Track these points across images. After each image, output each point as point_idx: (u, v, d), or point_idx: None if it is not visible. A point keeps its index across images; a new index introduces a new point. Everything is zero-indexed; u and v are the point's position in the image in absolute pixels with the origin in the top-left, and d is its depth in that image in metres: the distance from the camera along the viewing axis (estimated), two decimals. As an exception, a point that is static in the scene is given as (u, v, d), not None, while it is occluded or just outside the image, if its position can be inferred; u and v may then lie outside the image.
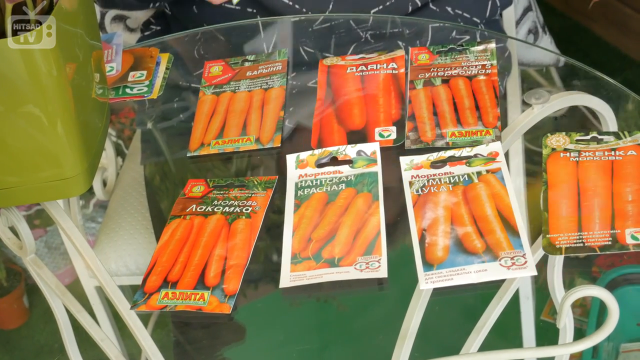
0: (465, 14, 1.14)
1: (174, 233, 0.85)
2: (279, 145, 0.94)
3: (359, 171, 0.89)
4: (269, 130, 0.96)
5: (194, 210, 0.87)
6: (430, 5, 1.16)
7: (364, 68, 1.02)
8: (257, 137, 0.96)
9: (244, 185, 0.90)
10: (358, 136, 0.93)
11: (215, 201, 0.88)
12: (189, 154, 0.96)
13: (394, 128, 0.93)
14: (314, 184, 0.88)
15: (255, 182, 0.89)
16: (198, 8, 1.17)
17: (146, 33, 1.30)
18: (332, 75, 1.02)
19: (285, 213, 0.86)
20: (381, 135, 0.93)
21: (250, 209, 0.86)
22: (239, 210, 0.86)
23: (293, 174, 0.90)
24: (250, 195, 0.88)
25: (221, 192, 0.89)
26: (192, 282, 0.80)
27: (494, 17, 1.21)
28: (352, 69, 1.02)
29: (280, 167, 0.92)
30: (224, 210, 0.87)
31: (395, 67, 1.01)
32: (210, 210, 0.87)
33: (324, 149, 0.92)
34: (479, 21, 1.17)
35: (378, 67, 1.01)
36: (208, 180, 0.91)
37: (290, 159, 0.92)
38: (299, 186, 0.89)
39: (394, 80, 0.99)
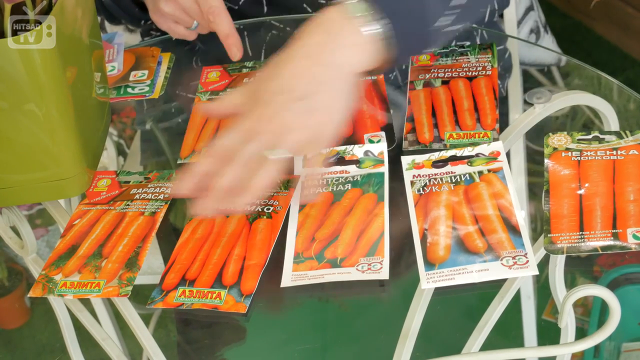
0: None
1: (195, 231, 0.85)
2: None
3: (366, 171, 0.88)
4: None
5: None
6: None
7: None
8: None
9: None
10: (348, 144, 0.91)
11: None
12: (179, 161, 0.95)
13: (382, 133, 0.93)
14: (319, 183, 0.88)
15: (278, 180, 0.89)
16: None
17: (146, 38, 1.30)
18: None
19: (290, 212, 0.86)
20: (371, 141, 0.92)
21: (271, 208, 0.86)
22: (260, 209, 0.86)
23: (299, 173, 0.90)
24: (272, 194, 0.88)
25: None
26: (210, 280, 0.79)
27: (493, 20, 1.21)
28: None
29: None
30: None
31: None
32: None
33: (331, 148, 0.91)
34: (477, 27, 1.16)
35: None
36: None
37: (298, 157, 0.91)
38: None
39: (375, 86, 0.98)
